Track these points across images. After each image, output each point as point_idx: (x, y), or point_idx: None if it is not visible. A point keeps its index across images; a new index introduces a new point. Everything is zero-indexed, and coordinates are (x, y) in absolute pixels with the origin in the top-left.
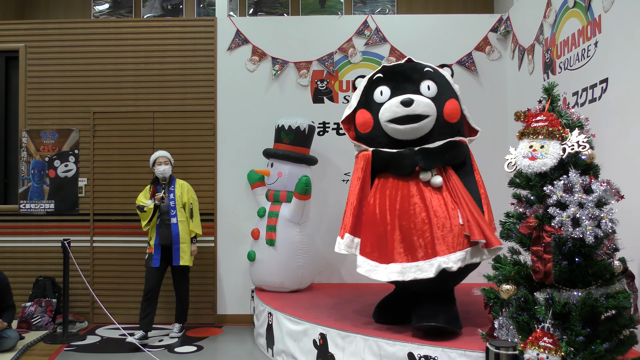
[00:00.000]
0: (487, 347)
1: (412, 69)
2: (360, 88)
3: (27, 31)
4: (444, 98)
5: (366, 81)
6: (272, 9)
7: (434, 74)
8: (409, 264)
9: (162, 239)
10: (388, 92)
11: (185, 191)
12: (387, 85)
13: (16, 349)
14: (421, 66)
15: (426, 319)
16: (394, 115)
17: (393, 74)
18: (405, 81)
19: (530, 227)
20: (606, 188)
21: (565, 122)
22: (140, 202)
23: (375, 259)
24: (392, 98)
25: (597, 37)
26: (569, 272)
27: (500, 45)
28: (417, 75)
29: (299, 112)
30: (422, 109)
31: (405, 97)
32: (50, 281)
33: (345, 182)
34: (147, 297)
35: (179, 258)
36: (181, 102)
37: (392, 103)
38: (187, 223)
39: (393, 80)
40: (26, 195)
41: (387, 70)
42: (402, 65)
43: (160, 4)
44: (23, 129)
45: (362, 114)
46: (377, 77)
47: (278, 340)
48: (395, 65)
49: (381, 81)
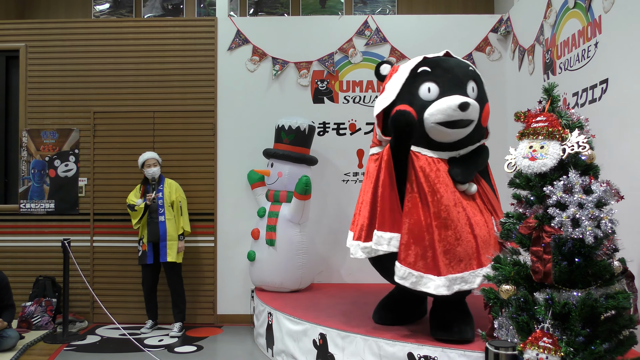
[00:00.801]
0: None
1: (458, 67)
2: (399, 80)
3: (28, 31)
4: (483, 101)
5: (408, 72)
6: (272, 9)
7: (475, 74)
8: (454, 275)
9: (150, 236)
10: (437, 91)
11: (173, 190)
12: (435, 82)
13: (16, 349)
14: (465, 64)
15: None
16: (447, 119)
17: (441, 70)
18: (454, 80)
19: (530, 228)
20: (606, 188)
21: (565, 123)
22: (130, 201)
23: (420, 269)
24: (443, 98)
25: (597, 38)
26: (568, 272)
27: (501, 45)
28: (464, 74)
29: (299, 112)
30: (474, 114)
31: (464, 101)
32: (50, 281)
33: (345, 182)
34: (147, 294)
35: (165, 254)
36: (181, 102)
37: (448, 105)
38: (175, 221)
39: (441, 77)
40: (26, 195)
41: (434, 65)
42: (447, 61)
43: (160, 4)
44: (23, 129)
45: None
46: (422, 71)
47: (278, 340)
48: (440, 60)
49: (428, 76)
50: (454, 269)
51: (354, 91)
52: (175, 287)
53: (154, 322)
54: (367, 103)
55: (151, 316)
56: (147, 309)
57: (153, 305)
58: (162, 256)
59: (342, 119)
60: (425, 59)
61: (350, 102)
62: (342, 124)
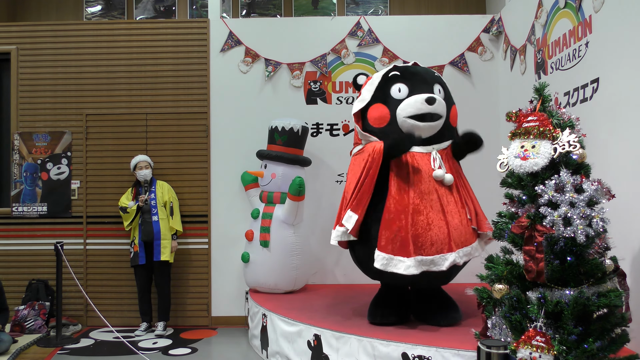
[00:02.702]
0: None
1: (425, 72)
2: (373, 84)
3: (19, 33)
4: (449, 103)
5: (380, 77)
6: (265, 11)
7: (441, 79)
8: (423, 257)
9: (144, 236)
10: (406, 90)
11: (165, 191)
12: (405, 83)
13: (9, 353)
14: (431, 70)
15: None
16: (416, 112)
17: (409, 73)
18: (421, 82)
19: (522, 227)
20: (597, 187)
21: (556, 122)
22: (122, 204)
23: (389, 252)
24: (413, 96)
25: (588, 38)
26: (560, 271)
27: (493, 45)
28: (430, 77)
29: (292, 113)
30: (441, 109)
31: (430, 96)
32: (43, 284)
33: (339, 183)
34: (140, 295)
35: (159, 253)
36: (174, 103)
37: (416, 100)
38: (168, 221)
39: (410, 80)
40: (19, 198)
41: (403, 70)
42: (415, 67)
43: (152, 6)
44: (15, 132)
45: (378, 108)
46: (393, 75)
47: (272, 341)
48: (408, 66)
49: (398, 79)
50: (425, 252)
51: (346, 92)
52: (163, 287)
53: (148, 324)
54: None
55: (145, 318)
56: (141, 311)
57: (147, 307)
58: (155, 255)
59: (335, 119)
60: (395, 67)
61: (343, 102)
62: (336, 125)
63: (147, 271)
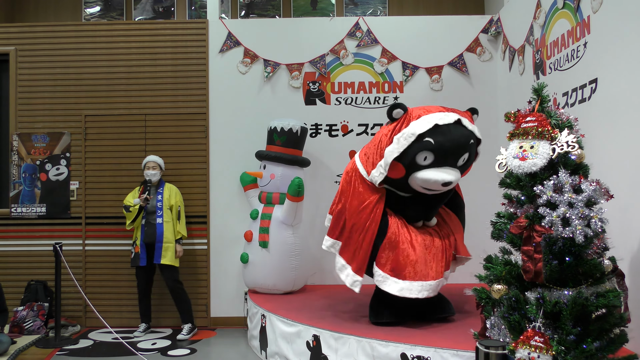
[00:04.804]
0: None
1: (459, 142)
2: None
3: (18, 34)
4: (468, 165)
5: (415, 137)
6: (263, 11)
7: (472, 146)
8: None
9: (146, 237)
10: (431, 160)
11: (173, 194)
12: (433, 153)
13: (8, 354)
14: (467, 137)
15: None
16: (429, 187)
17: (442, 144)
18: (450, 155)
19: (520, 227)
20: (595, 188)
21: (554, 123)
22: (127, 202)
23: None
24: (433, 170)
25: (586, 38)
26: (559, 271)
27: (491, 46)
28: (461, 148)
29: (291, 114)
30: (452, 186)
31: (447, 180)
32: (42, 285)
33: (337, 183)
34: (140, 297)
35: (160, 256)
36: (173, 104)
37: (435, 180)
38: (173, 224)
39: (439, 150)
40: (17, 199)
41: (439, 137)
42: (452, 136)
43: (151, 7)
44: (14, 133)
45: (398, 168)
46: (426, 141)
47: (271, 342)
48: (446, 131)
49: (429, 146)
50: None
51: (345, 92)
52: (176, 292)
53: (147, 325)
54: (359, 104)
55: (144, 319)
56: (140, 312)
57: (146, 308)
58: (156, 257)
59: (334, 120)
60: (436, 127)
61: (342, 103)
62: (335, 126)
63: (147, 273)
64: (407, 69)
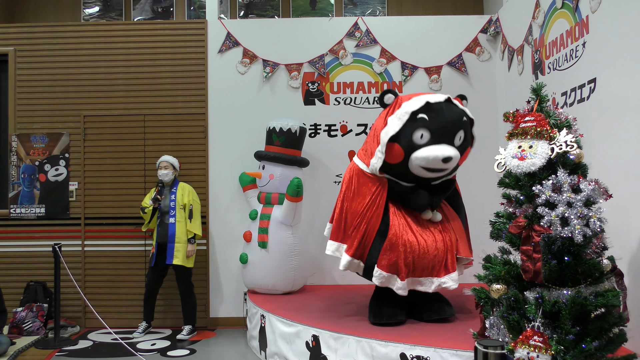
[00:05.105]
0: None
1: (454, 118)
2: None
3: (17, 35)
4: (465, 146)
5: (409, 114)
6: (262, 11)
7: (466, 123)
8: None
9: (159, 237)
10: (428, 137)
11: (186, 193)
12: (429, 130)
13: (7, 355)
14: (460, 114)
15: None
16: (430, 166)
17: (436, 119)
18: (446, 131)
19: (519, 227)
20: (594, 187)
21: (553, 122)
22: (143, 204)
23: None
24: (432, 147)
25: (585, 38)
26: (558, 271)
27: (490, 46)
28: (456, 125)
29: (290, 114)
30: (453, 164)
31: (447, 155)
32: (41, 286)
33: (337, 183)
34: (146, 296)
35: (172, 256)
36: (172, 104)
37: (435, 155)
38: (185, 224)
39: (434, 125)
40: (16, 200)
41: (431, 113)
42: (444, 113)
43: (150, 7)
44: (13, 133)
45: (396, 149)
46: (420, 118)
47: (271, 342)
48: (439, 109)
49: (424, 123)
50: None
51: (344, 92)
52: (183, 292)
53: (148, 324)
54: (358, 104)
55: (146, 319)
56: (145, 311)
57: (150, 309)
58: (168, 258)
59: (333, 120)
60: (428, 103)
61: (341, 103)
62: (334, 126)
63: (156, 274)
64: (406, 69)
